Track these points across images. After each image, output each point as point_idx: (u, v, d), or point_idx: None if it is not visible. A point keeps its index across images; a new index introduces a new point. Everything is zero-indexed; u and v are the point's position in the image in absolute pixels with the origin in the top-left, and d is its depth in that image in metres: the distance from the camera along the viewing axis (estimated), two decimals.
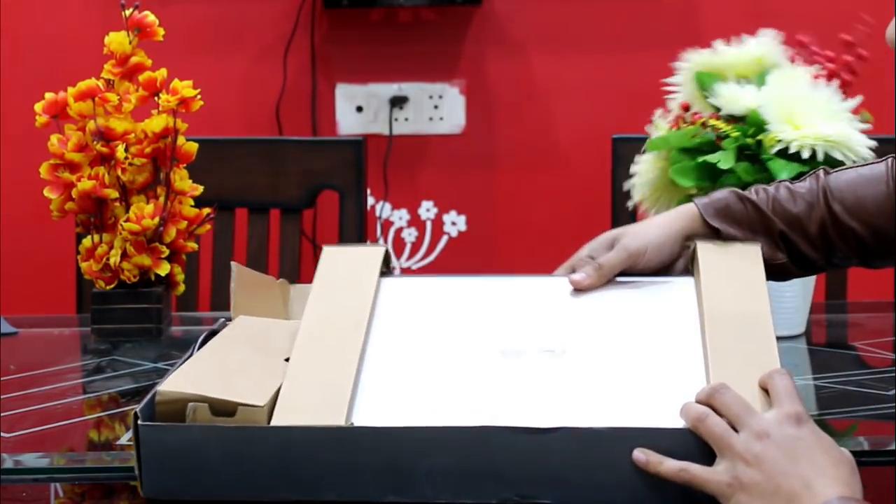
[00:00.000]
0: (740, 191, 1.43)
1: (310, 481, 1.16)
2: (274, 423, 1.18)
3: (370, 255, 1.42)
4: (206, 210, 1.88)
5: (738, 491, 1.13)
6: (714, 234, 1.42)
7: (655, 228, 1.43)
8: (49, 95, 1.83)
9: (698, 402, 1.18)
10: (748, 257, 1.38)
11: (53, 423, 1.46)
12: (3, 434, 1.40)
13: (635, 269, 1.40)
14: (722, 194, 1.44)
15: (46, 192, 1.83)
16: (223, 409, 1.17)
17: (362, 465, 1.16)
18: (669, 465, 1.15)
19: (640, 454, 1.15)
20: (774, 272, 1.42)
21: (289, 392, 1.21)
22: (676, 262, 1.42)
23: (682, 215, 1.44)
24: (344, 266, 1.41)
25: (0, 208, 2.97)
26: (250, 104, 3.02)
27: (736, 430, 1.15)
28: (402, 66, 3.02)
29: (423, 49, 3.01)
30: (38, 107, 1.82)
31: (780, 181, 1.45)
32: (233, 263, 1.42)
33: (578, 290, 1.38)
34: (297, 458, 1.16)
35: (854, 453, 1.16)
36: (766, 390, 1.19)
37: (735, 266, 1.37)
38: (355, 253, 1.44)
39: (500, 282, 1.42)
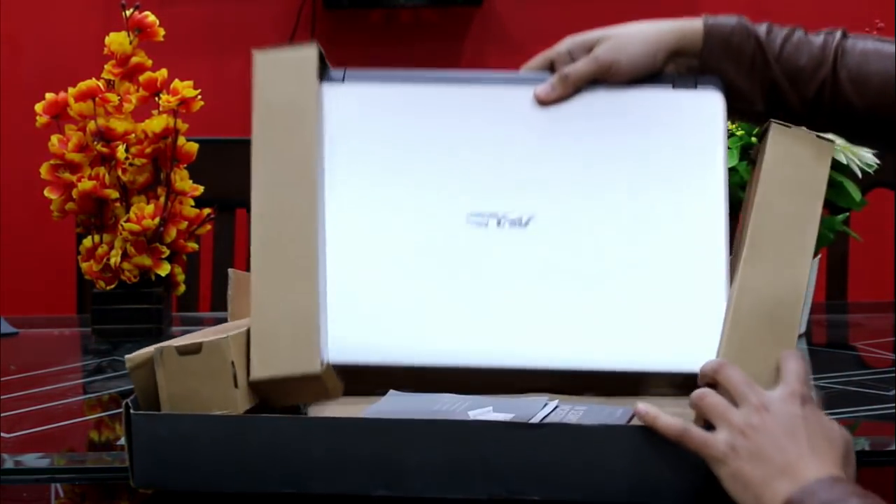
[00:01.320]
0: (751, 25, 1.35)
1: (300, 474, 1.16)
2: (252, 351, 1.20)
3: (304, 62, 1.34)
4: (207, 210, 1.88)
5: (733, 459, 1.13)
6: (701, 63, 1.34)
7: (639, 43, 1.35)
8: (49, 96, 1.83)
9: (702, 377, 1.18)
10: (817, 166, 1.28)
11: (54, 424, 1.46)
12: (3, 434, 1.40)
13: (608, 79, 1.33)
14: (731, 21, 1.35)
15: (47, 193, 1.83)
16: (188, 349, 1.18)
17: (352, 459, 1.16)
18: (667, 422, 1.14)
19: (643, 406, 1.15)
20: (742, 113, 1.35)
21: (258, 318, 1.22)
22: (660, 70, 1.35)
23: (679, 31, 1.35)
24: (280, 89, 1.36)
25: (0, 208, 2.97)
26: (251, 104, 3.02)
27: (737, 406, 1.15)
28: (403, 66, 3.01)
29: (424, 49, 3.01)
30: (38, 107, 1.82)
31: (797, 26, 1.38)
32: (230, 271, 1.42)
33: (544, 103, 1.32)
34: (287, 450, 1.16)
35: (854, 454, 1.16)
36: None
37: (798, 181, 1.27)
38: (288, 62, 1.36)
39: (464, 96, 1.35)
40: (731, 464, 1.13)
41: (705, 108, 1.30)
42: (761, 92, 1.34)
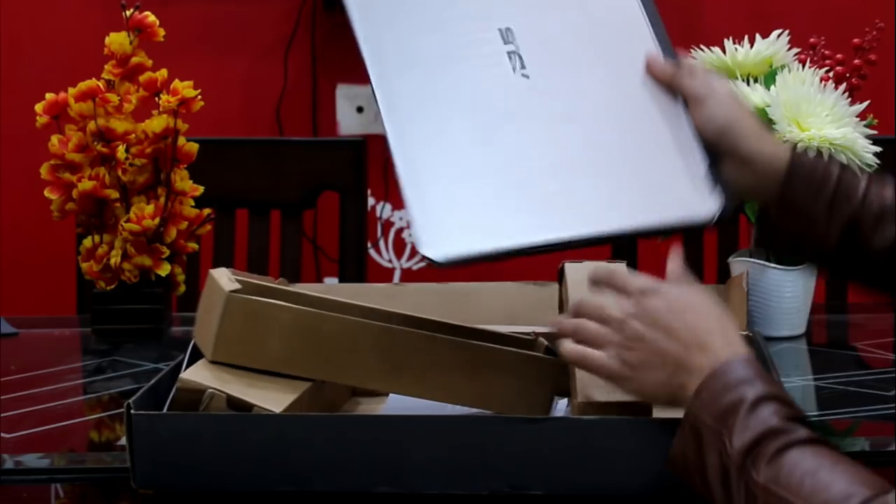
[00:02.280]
0: (835, 161, 1.30)
1: (302, 472, 1.16)
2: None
3: None
4: (207, 210, 1.88)
5: (631, 372, 1.14)
6: (781, 187, 1.26)
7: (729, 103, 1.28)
8: (49, 96, 1.83)
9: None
10: None
11: (54, 424, 1.46)
12: (3, 434, 1.40)
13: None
14: (814, 156, 1.30)
15: (47, 193, 1.83)
16: (239, 405, 1.17)
17: (354, 456, 1.16)
18: (567, 348, 1.17)
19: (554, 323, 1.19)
20: (812, 255, 1.30)
21: None
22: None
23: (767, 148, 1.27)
24: None
25: (0, 208, 2.97)
26: (251, 105, 3.02)
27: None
28: None
29: None
30: (38, 107, 1.82)
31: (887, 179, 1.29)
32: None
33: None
34: (289, 449, 1.16)
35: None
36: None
37: None
38: None
39: None
40: (633, 377, 1.14)
41: None
42: (839, 230, 1.25)
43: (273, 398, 1.19)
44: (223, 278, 1.26)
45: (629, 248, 2.04)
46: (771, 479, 1.03)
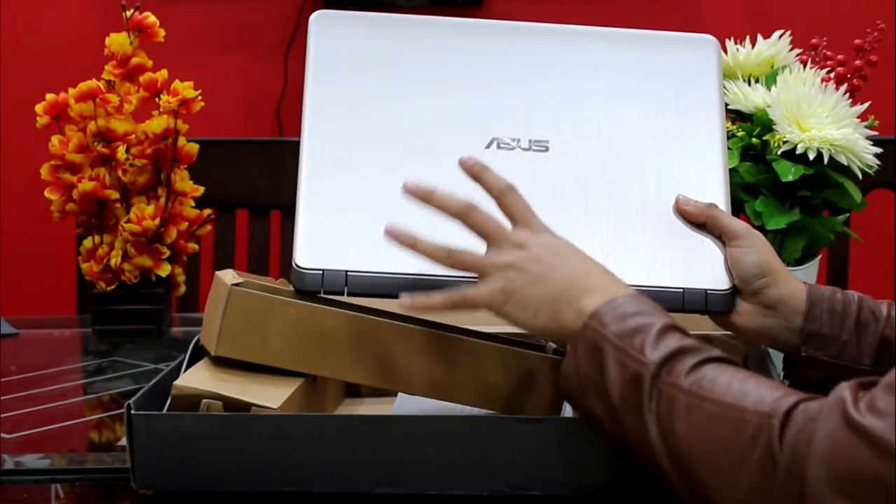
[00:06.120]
0: (850, 292, 1.31)
1: (301, 472, 1.16)
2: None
3: None
4: (207, 211, 1.88)
5: (508, 299, 1.13)
6: (805, 317, 1.27)
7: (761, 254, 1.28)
8: (50, 96, 1.83)
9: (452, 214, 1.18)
10: None
11: (54, 424, 1.46)
12: (3, 435, 1.40)
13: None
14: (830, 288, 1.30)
15: (47, 193, 1.83)
16: (236, 408, 1.17)
17: (354, 456, 1.16)
18: (438, 299, 1.16)
19: (406, 298, 1.16)
20: (847, 367, 1.27)
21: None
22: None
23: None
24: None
25: (0, 209, 2.97)
26: (251, 105, 3.02)
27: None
28: None
29: None
30: (38, 108, 1.82)
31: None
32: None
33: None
34: (288, 449, 1.16)
35: None
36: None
37: None
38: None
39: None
40: (508, 306, 1.13)
41: (699, 50, 1.41)
42: (872, 349, 1.28)
43: (269, 394, 1.18)
44: (227, 275, 1.26)
45: None
46: (694, 384, 1.03)
